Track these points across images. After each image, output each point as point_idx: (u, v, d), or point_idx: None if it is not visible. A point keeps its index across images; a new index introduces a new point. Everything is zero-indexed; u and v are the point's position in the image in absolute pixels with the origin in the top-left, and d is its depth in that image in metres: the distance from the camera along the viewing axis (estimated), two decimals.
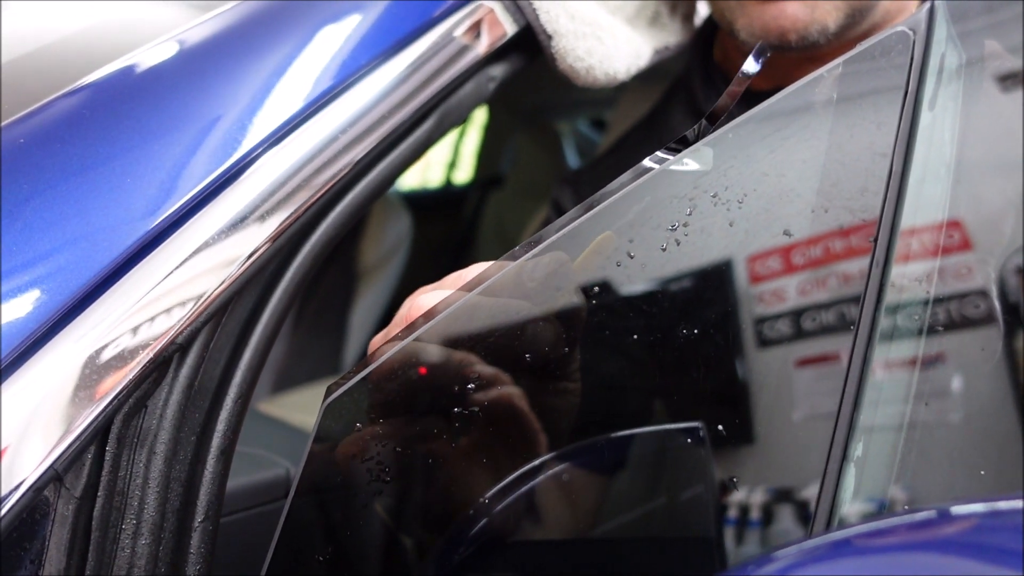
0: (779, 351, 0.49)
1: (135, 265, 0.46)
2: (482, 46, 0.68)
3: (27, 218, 0.43)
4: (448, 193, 2.61)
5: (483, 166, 2.52)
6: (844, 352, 0.48)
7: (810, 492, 0.47)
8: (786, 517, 0.48)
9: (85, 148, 0.46)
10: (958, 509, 0.35)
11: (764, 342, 0.49)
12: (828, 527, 0.45)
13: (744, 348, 0.48)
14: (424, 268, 2.23)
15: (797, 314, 0.49)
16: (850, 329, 0.47)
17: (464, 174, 2.65)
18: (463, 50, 0.67)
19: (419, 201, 2.45)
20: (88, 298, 0.44)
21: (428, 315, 0.45)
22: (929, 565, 0.31)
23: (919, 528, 0.34)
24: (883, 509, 0.47)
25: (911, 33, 0.50)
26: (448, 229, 2.44)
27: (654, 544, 0.51)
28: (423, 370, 0.45)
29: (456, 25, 0.67)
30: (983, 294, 0.51)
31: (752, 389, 0.49)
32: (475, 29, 0.68)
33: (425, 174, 2.83)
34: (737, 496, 0.48)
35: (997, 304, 0.52)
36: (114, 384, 0.44)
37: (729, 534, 0.49)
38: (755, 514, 0.49)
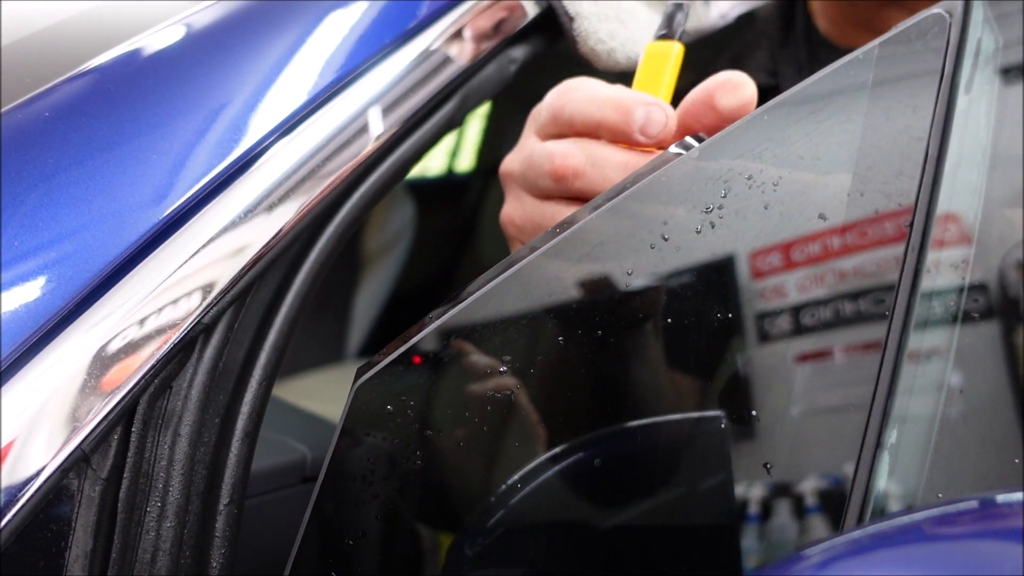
0: (780, 346, 0.49)
1: (161, 244, 0.45)
2: (503, 27, 0.67)
3: (53, 193, 0.43)
4: (451, 181, 2.60)
5: (486, 154, 2.50)
6: (866, 344, 0.47)
7: (809, 486, 0.47)
8: (784, 512, 0.48)
9: (111, 124, 0.46)
10: (1003, 498, 0.34)
11: (766, 337, 0.49)
12: (861, 516, 0.44)
13: (745, 343, 0.48)
14: (427, 256, 2.22)
15: (798, 309, 0.49)
16: (869, 321, 0.47)
17: (467, 162, 2.63)
18: (484, 31, 0.66)
19: (422, 189, 2.44)
20: (114, 277, 0.43)
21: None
22: (974, 554, 0.30)
23: (961, 517, 0.34)
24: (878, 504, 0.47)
25: (947, 15, 0.49)
26: (451, 217, 2.43)
27: (671, 533, 0.51)
28: (417, 359, 0.45)
29: (476, 6, 0.66)
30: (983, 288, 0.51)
31: (753, 384, 0.48)
32: (496, 10, 0.67)
33: (428, 162, 2.82)
34: (755, 489, 0.48)
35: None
36: (140, 364, 0.43)
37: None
38: (753, 509, 0.48)
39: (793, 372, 0.49)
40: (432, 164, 2.81)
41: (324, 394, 1.47)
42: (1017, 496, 0.35)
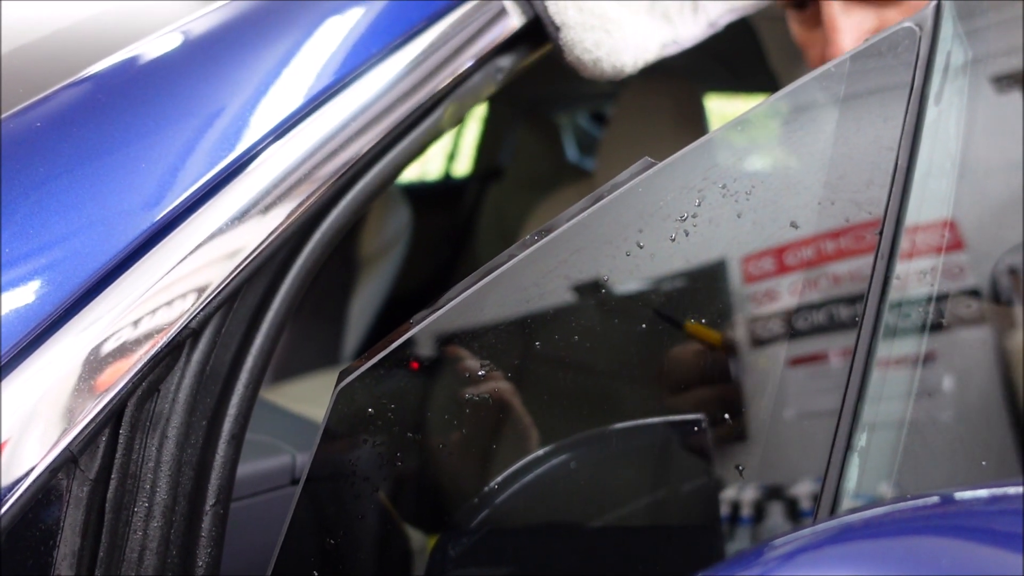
0: (772, 350, 0.50)
1: (150, 250, 0.46)
2: (491, 37, 0.68)
3: (44, 201, 0.44)
4: (448, 185, 2.62)
5: (483, 158, 2.52)
6: (841, 350, 0.48)
7: (802, 489, 0.48)
8: (777, 514, 0.49)
9: (101, 133, 0.47)
10: (961, 495, 0.35)
11: (757, 341, 0.50)
12: (832, 516, 0.45)
13: (737, 347, 0.49)
14: (423, 259, 2.23)
15: (790, 314, 0.50)
16: (845, 327, 0.48)
17: (464, 166, 2.65)
18: (471, 41, 0.67)
19: (419, 193, 2.45)
20: (103, 282, 0.44)
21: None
22: (929, 549, 0.31)
23: (920, 512, 0.35)
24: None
25: (917, 29, 0.50)
26: (448, 221, 2.45)
27: (655, 533, 0.52)
28: (415, 365, 0.46)
29: (465, 16, 0.68)
30: (976, 293, 0.52)
31: (744, 387, 0.49)
32: (484, 20, 0.68)
33: (425, 166, 2.83)
34: (733, 490, 0.49)
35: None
36: (128, 367, 0.45)
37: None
38: (746, 511, 0.49)
39: (768, 378, 0.50)
40: (429, 169, 2.83)
41: (319, 398, 1.47)
42: (976, 493, 0.36)
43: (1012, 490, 0.32)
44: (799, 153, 0.48)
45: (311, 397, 1.53)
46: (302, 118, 0.56)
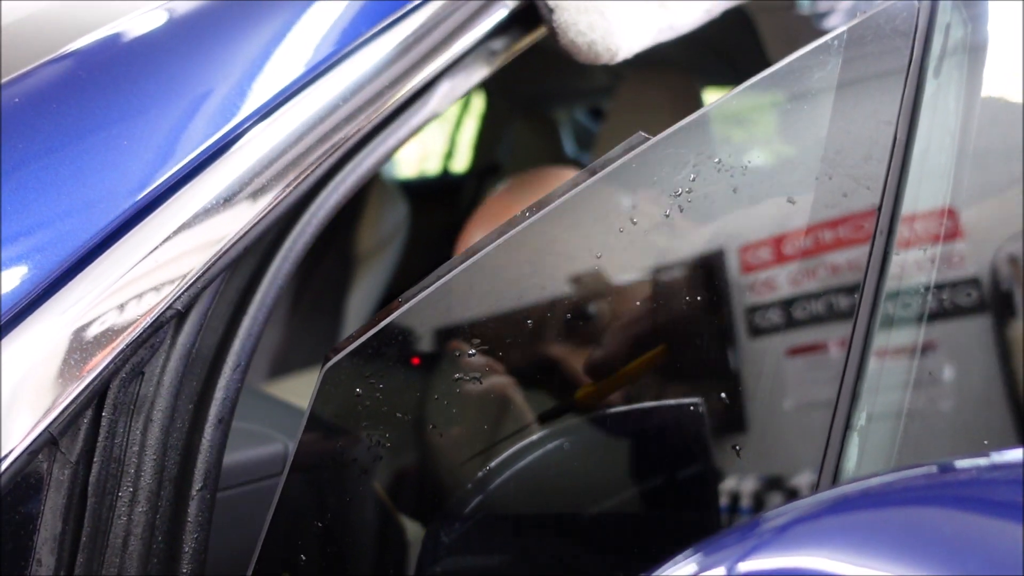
0: (770, 340, 0.49)
1: (132, 229, 0.45)
2: (484, 18, 0.67)
3: (23, 180, 0.43)
4: (445, 181, 2.61)
5: (481, 154, 2.51)
6: (839, 339, 0.47)
7: (801, 480, 0.47)
8: (775, 504, 0.48)
9: (82, 111, 0.46)
10: (961, 463, 0.35)
11: (755, 331, 0.49)
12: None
13: (736, 337, 0.48)
14: (421, 255, 2.22)
15: (788, 303, 0.49)
16: (844, 316, 0.47)
17: (462, 162, 2.64)
18: (464, 23, 0.66)
19: (416, 189, 2.44)
20: (84, 262, 0.43)
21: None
22: (930, 518, 0.30)
23: (920, 482, 0.34)
24: None
25: (916, 1, 0.49)
26: (445, 217, 2.44)
27: (653, 516, 0.51)
28: (416, 360, 0.45)
29: None
30: (976, 282, 0.51)
31: (743, 378, 0.48)
32: (477, 2, 0.67)
33: (423, 162, 2.82)
34: (731, 480, 0.48)
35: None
36: (110, 348, 0.44)
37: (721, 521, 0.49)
38: (745, 501, 0.48)
39: (765, 367, 0.49)
40: (427, 164, 2.82)
41: None
42: (976, 462, 0.35)
43: (1010, 456, 0.31)
44: (795, 127, 0.47)
45: (308, 392, 1.52)
46: (288, 98, 0.55)
